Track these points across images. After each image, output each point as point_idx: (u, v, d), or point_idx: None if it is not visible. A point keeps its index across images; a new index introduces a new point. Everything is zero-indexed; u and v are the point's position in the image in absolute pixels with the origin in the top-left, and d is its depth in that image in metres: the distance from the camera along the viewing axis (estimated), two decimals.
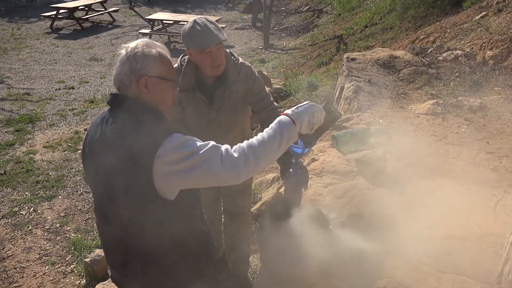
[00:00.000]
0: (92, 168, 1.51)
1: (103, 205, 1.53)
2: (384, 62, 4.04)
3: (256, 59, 9.56)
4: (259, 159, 1.38)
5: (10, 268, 3.46)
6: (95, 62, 9.41)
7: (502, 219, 1.94)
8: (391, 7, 8.73)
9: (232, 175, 1.36)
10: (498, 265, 1.64)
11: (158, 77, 1.46)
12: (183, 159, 1.34)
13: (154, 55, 1.46)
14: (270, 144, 1.40)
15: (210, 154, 1.36)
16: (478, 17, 5.37)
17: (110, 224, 1.52)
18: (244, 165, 1.36)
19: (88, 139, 1.55)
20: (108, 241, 1.60)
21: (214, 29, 2.01)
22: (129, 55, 1.44)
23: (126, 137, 1.38)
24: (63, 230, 3.94)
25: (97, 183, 1.51)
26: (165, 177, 1.35)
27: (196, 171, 1.35)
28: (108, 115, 1.48)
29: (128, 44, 1.49)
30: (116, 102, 1.47)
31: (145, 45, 1.47)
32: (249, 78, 2.24)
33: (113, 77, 1.49)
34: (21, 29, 12.21)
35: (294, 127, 1.44)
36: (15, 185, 4.63)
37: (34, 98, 7.28)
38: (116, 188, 1.42)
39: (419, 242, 1.78)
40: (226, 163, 1.35)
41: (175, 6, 15.34)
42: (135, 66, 1.43)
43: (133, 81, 1.44)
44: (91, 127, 1.56)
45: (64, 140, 5.70)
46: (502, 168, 2.42)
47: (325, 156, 2.53)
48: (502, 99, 3.36)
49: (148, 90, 1.45)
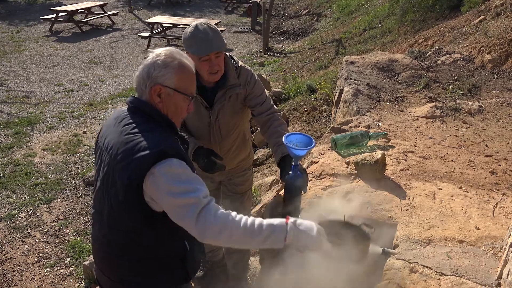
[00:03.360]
0: (99, 162, 1.56)
1: (98, 201, 1.57)
2: (383, 65, 4.05)
3: (255, 62, 9.58)
4: (231, 239, 1.40)
5: (9, 271, 3.45)
6: (95, 65, 9.42)
7: (501, 222, 1.95)
8: (390, 11, 8.77)
9: (198, 233, 1.38)
10: (497, 267, 1.64)
11: (173, 88, 1.47)
12: (169, 193, 1.37)
13: (174, 65, 1.47)
14: (250, 238, 1.40)
15: (194, 202, 1.37)
16: (476, 21, 5.39)
17: (100, 219, 1.57)
18: (213, 234, 1.37)
19: (101, 132, 1.61)
20: (95, 235, 1.65)
21: (214, 37, 2.00)
22: (151, 61, 1.46)
23: (131, 143, 1.41)
24: (62, 233, 3.93)
25: (99, 177, 1.55)
26: (152, 193, 1.39)
27: (173, 209, 1.39)
28: (124, 116, 1.51)
29: (156, 49, 1.51)
30: (133, 104, 1.51)
31: (169, 55, 1.48)
32: (248, 81, 2.25)
33: (134, 77, 1.52)
34: (21, 32, 12.23)
35: (282, 242, 1.41)
36: (14, 188, 4.63)
37: (33, 101, 7.28)
38: (110, 188, 1.47)
39: (419, 244, 1.79)
40: (201, 221, 1.36)
41: (174, 10, 15.38)
42: (153, 73, 1.45)
43: (148, 87, 1.46)
44: (107, 121, 1.61)
45: (63, 143, 5.70)
46: (500, 171, 2.43)
47: (324, 159, 2.53)
48: (500, 103, 3.38)
49: (161, 99, 1.47)
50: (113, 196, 1.45)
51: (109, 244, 1.56)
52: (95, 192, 1.58)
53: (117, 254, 1.55)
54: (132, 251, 1.53)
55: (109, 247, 1.56)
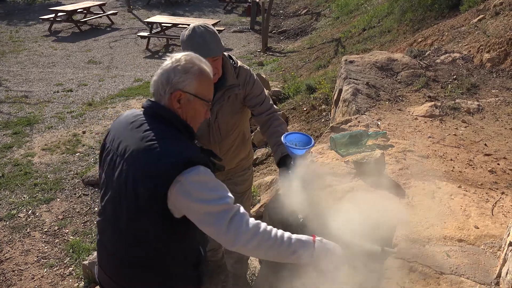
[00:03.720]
0: (111, 166, 1.50)
1: (111, 207, 1.51)
2: (382, 64, 4.05)
3: (254, 62, 9.58)
4: (258, 249, 1.38)
5: (8, 271, 3.45)
6: (94, 64, 9.41)
7: (500, 221, 1.95)
8: (389, 10, 8.77)
9: (228, 240, 1.37)
10: (496, 266, 1.64)
11: (193, 94, 1.47)
12: (199, 200, 1.35)
13: (194, 71, 1.46)
14: (278, 249, 1.40)
15: (225, 209, 1.37)
16: (475, 20, 5.40)
17: (113, 226, 1.52)
18: (244, 242, 1.36)
19: (111, 135, 1.55)
20: (105, 242, 1.59)
21: (211, 41, 1.99)
22: (171, 66, 1.45)
23: (154, 150, 1.38)
24: (61, 233, 3.93)
25: (111, 182, 1.50)
26: (176, 201, 1.36)
27: (202, 216, 1.37)
28: (142, 121, 1.47)
29: (174, 54, 1.50)
30: (152, 109, 1.48)
31: (189, 60, 1.47)
32: (248, 81, 2.25)
33: (151, 82, 1.49)
34: (20, 32, 12.22)
35: (309, 258, 1.42)
36: (13, 187, 4.63)
37: (32, 100, 7.28)
38: (127, 199, 1.41)
39: (418, 244, 1.79)
40: (232, 228, 1.36)
41: (173, 9, 15.37)
42: (173, 78, 1.44)
43: (167, 92, 1.45)
44: (117, 124, 1.55)
45: (63, 143, 5.70)
46: (499, 170, 2.43)
47: (323, 158, 2.53)
48: (499, 102, 3.38)
49: (180, 105, 1.46)
50: (132, 203, 1.40)
51: (125, 252, 1.51)
52: (105, 200, 1.53)
53: (131, 261, 1.51)
54: (148, 258, 1.50)
55: (125, 255, 1.51)
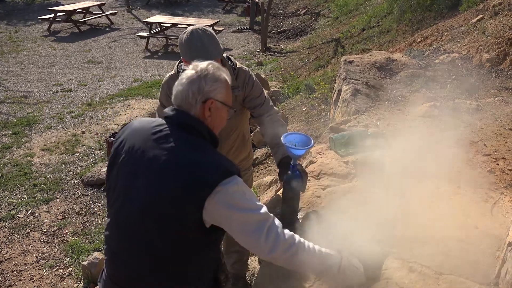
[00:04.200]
0: (130, 178, 1.44)
1: (130, 221, 1.44)
2: (382, 65, 4.06)
3: (253, 62, 9.58)
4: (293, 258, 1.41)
5: (7, 272, 3.45)
6: (93, 65, 9.41)
7: (500, 221, 1.95)
8: (388, 10, 8.77)
9: (266, 248, 1.38)
10: (496, 266, 1.64)
11: (222, 102, 1.50)
12: (240, 210, 1.36)
13: (222, 79, 1.49)
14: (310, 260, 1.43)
15: (263, 218, 1.39)
16: (474, 20, 5.40)
17: (133, 242, 1.45)
18: (281, 250, 1.38)
19: (127, 145, 1.48)
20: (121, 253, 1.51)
21: (210, 45, 1.98)
22: (200, 75, 1.46)
23: (191, 161, 1.37)
24: (60, 233, 3.93)
25: (133, 194, 1.44)
26: (215, 210, 1.35)
27: (240, 225, 1.37)
28: (168, 130, 1.44)
29: (197, 63, 1.50)
30: (180, 119, 1.45)
31: (216, 69, 1.49)
32: (247, 83, 2.24)
33: (176, 92, 1.48)
34: (19, 32, 12.21)
35: (336, 270, 1.47)
36: (13, 188, 4.62)
37: (31, 101, 7.28)
38: (158, 209, 1.38)
39: (417, 244, 1.79)
40: (271, 237, 1.37)
41: (172, 9, 15.37)
42: (205, 87, 1.45)
43: (199, 101, 1.45)
44: (133, 133, 1.50)
45: (62, 143, 5.70)
46: (499, 170, 2.43)
47: (323, 158, 2.53)
48: (498, 102, 3.38)
49: (210, 113, 1.48)
50: (165, 213, 1.37)
51: (149, 261, 1.45)
52: (123, 213, 1.46)
53: (155, 271, 1.46)
54: (174, 267, 1.46)
55: (148, 265, 1.45)
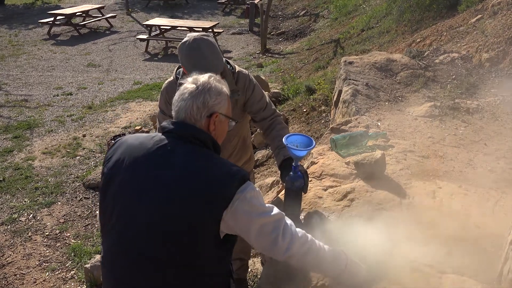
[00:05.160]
0: (134, 196, 1.38)
1: (137, 244, 1.38)
2: (381, 65, 4.07)
3: (253, 63, 9.60)
4: (306, 256, 1.44)
5: (10, 275, 3.45)
6: (93, 68, 9.43)
7: (501, 220, 1.95)
8: (387, 11, 8.79)
9: (282, 247, 1.39)
10: (498, 264, 1.65)
11: (225, 115, 1.51)
12: (258, 214, 1.37)
13: (224, 92, 1.50)
14: (320, 257, 1.47)
15: (278, 218, 1.41)
16: (473, 20, 5.41)
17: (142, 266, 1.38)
18: (297, 248, 1.41)
19: (125, 164, 1.41)
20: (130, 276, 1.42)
21: (212, 57, 1.93)
22: (203, 89, 1.44)
23: (202, 175, 1.35)
24: (62, 236, 3.94)
25: (134, 217, 1.37)
26: (234, 218, 1.35)
27: (262, 228, 1.38)
28: (172, 146, 1.40)
29: (196, 77, 1.49)
30: (186, 132, 1.42)
31: (217, 81, 1.49)
32: (247, 86, 2.22)
33: (178, 108, 1.45)
34: (19, 35, 12.23)
35: (343, 267, 1.50)
36: (14, 191, 4.63)
37: (32, 104, 7.29)
38: (170, 226, 1.33)
39: (419, 243, 1.79)
40: (287, 235, 1.40)
41: (172, 12, 15.40)
42: (209, 101, 1.44)
43: (204, 116, 1.44)
44: (132, 151, 1.43)
45: (63, 146, 5.71)
46: (499, 169, 2.44)
47: (324, 159, 2.54)
48: (498, 101, 3.39)
49: (215, 127, 1.48)
50: (175, 229, 1.33)
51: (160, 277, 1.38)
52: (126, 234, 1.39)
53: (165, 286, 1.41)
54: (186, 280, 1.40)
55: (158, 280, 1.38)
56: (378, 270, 1.64)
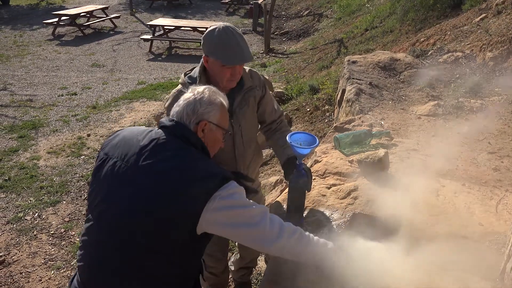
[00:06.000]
0: (116, 187, 1.46)
1: (115, 228, 1.44)
2: (385, 64, 4.07)
3: (257, 63, 9.61)
4: (298, 245, 1.49)
5: (16, 273, 3.48)
6: (97, 68, 9.47)
7: (504, 218, 1.96)
8: (391, 10, 8.78)
9: (273, 235, 1.45)
10: (501, 262, 1.65)
11: (216, 124, 1.57)
12: (240, 207, 1.44)
13: (218, 103, 1.57)
14: (311, 245, 1.53)
15: (264, 210, 1.48)
16: (477, 19, 5.40)
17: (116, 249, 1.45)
18: (287, 236, 1.47)
19: (118, 153, 1.50)
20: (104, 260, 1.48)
21: (245, 46, 1.88)
22: (196, 97, 1.54)
23: (191, 168, 1.43)
24: (67, 235, 3.96)
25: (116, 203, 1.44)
26: (213, 215, 1.39)
27: (248, 219, 1.44)
28: (165, 139, 1.48)
29: (195, 87, 1.59)
30: (179, 130, 1.50)
31: (212, 93, 1.57)
32: (263, 82, 2.15)
33: (173, 113, 1.55)
34: (24, 36, 12.30)
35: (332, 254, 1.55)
36: (20, 191, 4.66)
37: (37, 104, 7.33)
38: (149, 216, 1.39)
39: (422, 241, 1.80)
40: (275, 224, 1.47)
41: (176, 12, 15.43)
42: (199, 109, 1.52)
43: (192, 122, 1.52)
44: (125, 141, 1.52)
45: (68, 146, 5.74)
46: (503, 168, 2.44)
47: (327, 158, 2.55)
48: (502, 100, 3.38)
49: (204, 134, 1.54)
50: (159, 219, 1.39)
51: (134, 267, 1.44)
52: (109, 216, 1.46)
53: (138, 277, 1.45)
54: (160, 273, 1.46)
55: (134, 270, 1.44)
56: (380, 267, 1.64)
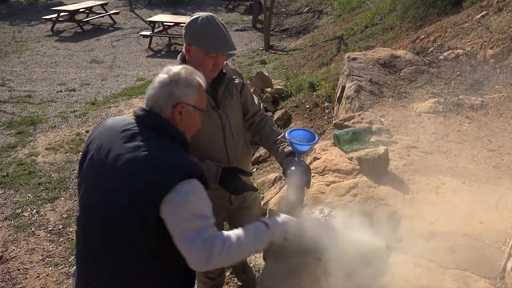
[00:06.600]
0: (94, 174, 1.49)
1: (94, 220, 1.49)
2: (385, 61, 4.05)
3: (256, 60, 9.58)
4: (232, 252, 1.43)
5: (13, 270, 3.47)
6: (96, 64, 9.43)
7: (504, 215, 1.95)
8: (391, 7, 8.75)
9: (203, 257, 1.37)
10: (501, 260, 1.64)
11: (193, 106, 1.51)
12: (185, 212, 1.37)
13: (195, 84, 1.51)
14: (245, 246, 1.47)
15: (202, 227, 1.39)
16: (478, 16, 5.38)
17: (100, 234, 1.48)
18: (218, 253, 1.38)
19: (96, 143, 1.52)
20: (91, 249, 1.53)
21: (228, 35, 1.87)
22: (172, 79, 1.48)
23: (154, 160, 1.40)
24: (65, 231, 3.95)
25: (98, 190, 1.48)
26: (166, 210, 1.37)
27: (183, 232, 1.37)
28: (136, 130, 1.47)
29: (170, 67, 1.52)
30: (150, 119, 1.47)
31: (189, 73, 1.51)
32: (239, 73, 2.14)
33: (148, 96, 1.50)
34: (22, 32, 12.25)
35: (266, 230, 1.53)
36: (18, 187, 4.65)
37: (35, 100, 7.30)
38: (121, 207, 1.41)
39: (422, 239, 1.79)
40: (205, 245, 1.37)
41: (175, 8, 15.38)
42: (175, 92, 1.47)
43: (169, 105, 1.47)
44: (105, 131, 1.53)
45: (66, 142, 5.72)
46: (503, 165, 2.43)
47: (327, 155, 2.54)
48: (503, 97, 3.37)
49: (181, 117, 1.49)
50: (126, 210, 1.40)
51: (116, 258, 1.47)
52: (91, 207, 1.51)
53: (123, 267, 1.47)
54: (142, 264, 1.48)
55: (116, 261, 1.48)
56: (381, 265, 1.63)
